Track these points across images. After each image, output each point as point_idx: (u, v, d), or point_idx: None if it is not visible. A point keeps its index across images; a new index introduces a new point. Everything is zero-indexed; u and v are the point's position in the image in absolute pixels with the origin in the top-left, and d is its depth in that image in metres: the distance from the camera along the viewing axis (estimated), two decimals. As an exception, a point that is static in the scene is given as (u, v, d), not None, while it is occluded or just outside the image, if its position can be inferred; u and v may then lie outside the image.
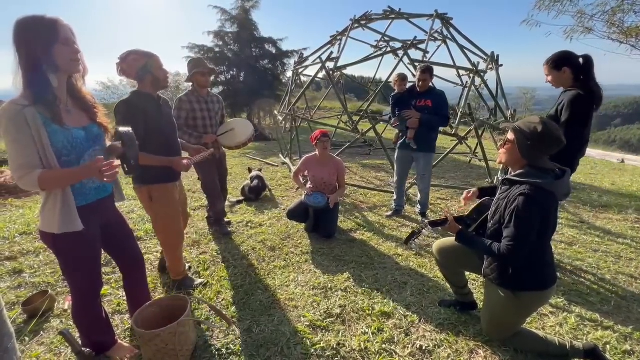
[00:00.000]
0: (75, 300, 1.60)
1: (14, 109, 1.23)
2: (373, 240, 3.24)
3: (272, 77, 14.38)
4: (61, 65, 1.33)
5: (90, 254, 1.53)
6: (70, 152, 1.37)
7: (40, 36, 1.27)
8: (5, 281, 2.53)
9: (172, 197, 2.17)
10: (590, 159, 8.49)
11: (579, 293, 2.40)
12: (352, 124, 4.69)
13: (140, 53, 1.94)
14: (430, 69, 3.42)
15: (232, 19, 13.66)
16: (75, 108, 1.46)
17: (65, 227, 1.40)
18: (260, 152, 8.23)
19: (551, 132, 1.47)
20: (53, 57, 1.30)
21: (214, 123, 3.01)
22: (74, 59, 1.36)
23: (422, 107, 3.42)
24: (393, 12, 5.59)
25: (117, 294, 2.37)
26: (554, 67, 2.32)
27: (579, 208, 4.34)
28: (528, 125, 1.52)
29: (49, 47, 1.28)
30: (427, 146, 3.51)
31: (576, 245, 3.21)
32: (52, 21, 1.29)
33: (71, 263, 1.50)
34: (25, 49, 1.26)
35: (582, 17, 6.66)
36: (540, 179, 1.47)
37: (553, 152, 1.51)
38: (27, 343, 1.90)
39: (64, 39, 1.31)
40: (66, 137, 1.35)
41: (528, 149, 1.52)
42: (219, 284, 2.49)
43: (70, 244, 1.44)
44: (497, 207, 1.61)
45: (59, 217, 1.38)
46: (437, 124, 3.47)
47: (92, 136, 1.48)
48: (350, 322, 2.07)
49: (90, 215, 1.48)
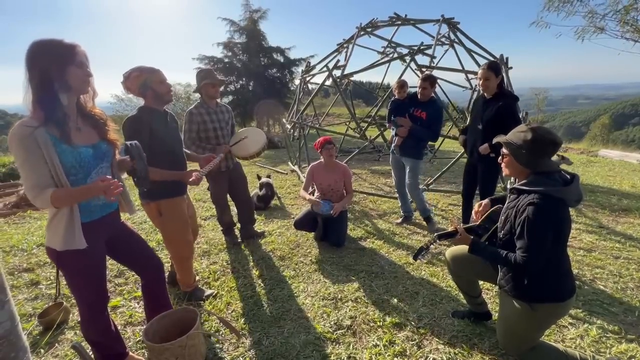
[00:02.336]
0: (83, 314, 1.62)
1: (25, 132, 1.27)
2: (383, 249, 3.20)
3: (280, 86, 14.57)
4: (74, 86, 1.38)
5: (95, 270, 1.55)
6: (77, 172, 1.40)
7: (57, 58, 1.32)
8: (22, 293, 2.60)
9: (180, 210, 2.19)
10: (608, 160, 8.22)
11: (600, 303, 2.30)
12: (360, 131, 4.67)
13: (141, 69, 1.97)
14: (432, 78, 3.40)
15: (240, 30, 13.95)
16: (86, 126, 1.50)
17: (68, 245, 1.41)
18: (269, 160, 8.29)
19: (542, 136, 1.46)
20: (66, 77, 1.34)
21: (225, 133, 3.03)
22: (86, 81, 1.41)
23: (417, 118, 3.42)
24: (399, 18, 5.60)
25: (129, 305, 2.40)
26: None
27: (598, 212, 4.19)
28: (517, 136, 1.52)
29: (64, 68, 1.33)
30: (412, 152, 3.50)
31: (595, 251, 3.09)
32: (71, 46, 1.34)
33: (76, 278, 1.52)
34: (39, 69, 1.30)
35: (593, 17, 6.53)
36: (547, 185, 1.44)
37: (552, 154, 1.51)
38: (42, 355, 1.94)
39: (79, 62, 1.36)
40: (74, 157, 1.38)
41: (526, 158, 1.51)
42: (229, 294, 2.49)
43: (74, 260, 1.46)
44: (506, 217, 1.57)
45: (62, 234, 1.40)
46: (425, 137, 3.50)
47: (100, 153, 1.51)
48: (361, 333, 2.04)
49: (95, 232, 1.50)
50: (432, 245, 1.77)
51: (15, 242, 3.48)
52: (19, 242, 3.46)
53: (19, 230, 3.91)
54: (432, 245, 1.77)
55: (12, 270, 2.92)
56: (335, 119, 15.78)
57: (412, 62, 4.59)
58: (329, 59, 6.19)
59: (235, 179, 3.22)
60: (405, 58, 4.84)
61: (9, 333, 1.27)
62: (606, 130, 32.73)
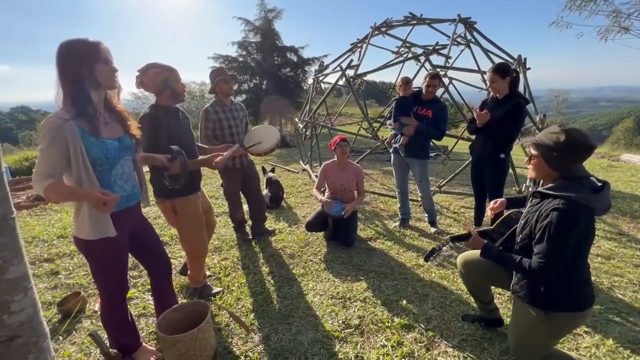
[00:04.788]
0: (104, 302, 1.68)
1: (56, 122, 1.34)
2: (393, 250, 3.18)
3: (293, 85, 14.63)
4: (102, 82, 1.45)
5: (119, 259, 1.61)
6: (104, 162, 1.47)
7: (85, 56, 1.38)
8: (43, 281, 2.70)
9: (195, 208, 2.21)
10: (631, 165, 7.92)
11: (618, 312, 2.23)
12: (372, 131, 4.65)
13: (161, 66, 2.00)
14: (440, 76, 3.36)
15: (255, 29, 14.08)
16: (112, 120, 1.57)
17: (100, 234, 1.49)
18: (281, 159, 8.34)
19: (576, 139, 1.38)
20: (95, 74, 1.41)
21: (240, 131, 3.08)
22: (112, 76, 1.47)
23: (422, 116, 3.37)
24: (414, 17, 5.54)
25: (143, 297, 2.47)
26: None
27: (618, 219, 4.05)
28: (549, 137, 1.43)
29: (92, 65, 1.39)
30: (418, 152, 3.44)
31: (614, 259, 3.00)
32: (95, 43, 1.41)
33: (101, 267, 1.59)
34: (72, 68, 1.37)
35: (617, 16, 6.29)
36: (575, 191, 1.37)
37: (584, 159, 1.42)
38: (60, 342, 2.02)
39: (104, 59, 1.43)
40: (101, 149, 1.45)
41: (557, 161, 1.43)
42: (239, 290, 2.53)
43: (101, 249, 1.53)
44: (526, 221, 1.52)
45: (92, 224, 1.47)
46: (432, 136, 3.45)
47: (124, 147, 1.57)
48: (369, 333, 2.04)
49: (119, 222, 1.56)
50: (444, 247, 1.74)
51: (37, 233, 3.62)
52: (40, 234, 3.60)
53: (41, 222, 4.06)
54: (444, 248, 1.74)
55: (33, 260, 3.04)
56: (348, 118, 15.72)
57: (426, 62, 4.54)
58: (342, 58, 6.18)
59: (249, 176, 3.27)
60: (420, 58, 4.78)
61: (31, 319, 1.33)
62: (630, 134, 31.45)
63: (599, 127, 59.05)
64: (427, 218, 3.71)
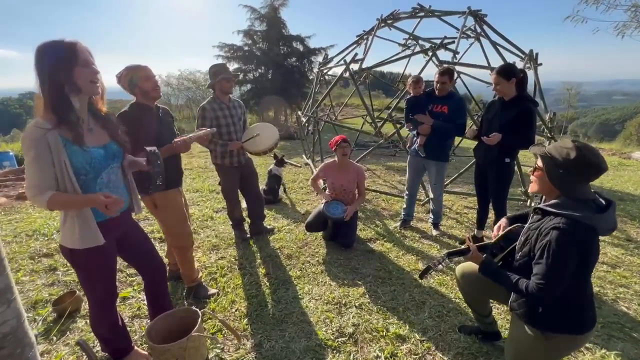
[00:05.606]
0: (93, 310, 1.67)
1: (37, 133, 1.28)
2: (392, 252, 3.13)
3: (299, 75, 14.40)
4: (82, 87, 1.37)
5: (107, 267, 1.59)
6: (88, 172, 1.42)
7: (62, 61, 1.31)
8: (41, 277, 2.72)
9: (175, 203, 2.23)
10: (643, 165, 7.69)
11: (621, 326, 2.16)
12: (375, 128, 4.54)
13: (128, 68, 2.03)
14: (450, 72, 3.20)
15: (261, 18, 13.81)
16: (97, 126, 1.51)
17: (86, 243, 1.45)
18: (285, 151, 8.27)
19: (587, 158, 1.28)
20: (74, 79, 1.33)
21: (238, 129, 3.02)
22: (94, 80, 1.39)
23: (438, 113, 3.23)
24: (423, 9, 5.34)
25: (138, 297, 2.46)
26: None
27: (626, 223, 3.93)
28: (560, 151, 1.33)
29: (70, 70, 1.32)
30: (438, 154, 3.30)
31: (620, 267, 2.91)
32: (71, 45, 1.33)
33: (88, 276, 1.56)
34: (48, 74, 1.31)
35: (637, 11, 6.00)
36: (578, 211, 1.29)
37: (591, 180, 1.32)
38: (54, 343, 2.02)
39: (83, 61, 1.35)
40: (85, 158, 1.40)
41: (560, 179, 1.34)
42: (234, 292, 2.51)
43: (88, 258, 1.50)
44: (526, 238, 1.45)
45: (79, 233, 1.44)
46: (451, 132, 3.24)
47: (111, 154, 1.52)
48: (362, 343, 2.00)
49: (107, 230, 1.53)
50: (440, 264, 1.67)
51: (38, 226, 3.64)
52: (41, 227, 3.61)
53: (42, 214, 4.08)
54: (440, 265, 1.67)
55: (32, 254, 3.06)
56: (354, 109, 15.52)
57: (433, 56, 4.38)
58: (347, 51, 6.02)
59: (247, 174, 3.22)
60: (427, 52, 4.62)
61: (15, 330, 1.31)
62: (644, 129, 30.53)
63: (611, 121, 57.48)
64: (431, 220, 3.64)
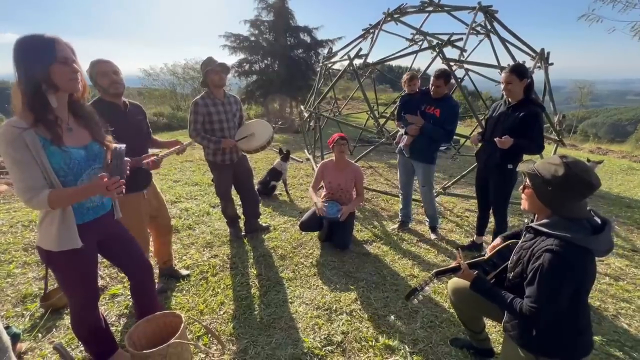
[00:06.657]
0: (74, 312, 1.63)
1: (13, 132, 1.23)
2: (388, 256, 3.06)
3: (305, 67, 14.20)
4: (60, 85, 1.31)
5: (85, 270, 1.54)
6: (67, 174, 1.37)
7: (38, 56, 1.25)
8: (33, 270, 2.71)
9: (133, 208, 2.15)
10: (653, 170, 7.47)
11: (621, 345, 2.08)
12: (378, 126, 4.43)
13: (91, 63, 1.97)
14: (446, 75, 3.07)
15: (268, 7, 13.57)
16: (78, 126, 1.45)
17: (64, 245, 1.41)
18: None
19: (576, 175, 1.20)
20: (51, 76, 1.27)
21: (231, 126, 2.93)
22: (73, 78, 1.33)
23: (430, 115, 3.12)
24: (431, 3, 5.16)
25: (127, 294, 2.43)
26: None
27: (633, 232, 3.81)
28: (547, 168, 1.26)
29: (47, 66, 1.25)
30: (425, 156, 3.21)
31: (623, 280, 2.81)
32: (50, 40, 1.26)
33: (66, 279, 1.52)
34: (24, 69, 1.25)
35: (657, 9, 5.72)
36: (571, 231, 1.21)
37: (582, 198, 1.24)
38: (39, 340, 2.01)
39: (62, 58, 1.28)
40: (63, 159, 1.34)
41: (550, 197, 1.27)
42: (224, 293, 2.47)
43: (66, 260, 1.46)
44: (519, 257, 1.38)
45: (57, 234, 1.39)
46: (439, 137, 3.15)
47: (92, 155, 1.46)
48: (350, 352, 1.95)
49: (87, 233, 1.48)
50: (427, 286, 1.58)
51: (34, 217, 3.63)
52: (38, 217, 3.60)
53: (40, 204, 4.08)
54: (427, 287, 1.58)
55: (26, 246, 3.06)
56: (360, 103, 15.31)
57: (440, 53, 4.23)
58: (352, 45, 5.86)
59: (241, 172, 3.15)
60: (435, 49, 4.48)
61: (-13, 336, 1.28)
62: (658, 132, 29.77)
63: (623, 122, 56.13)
64: (428, 223, 3.56)
